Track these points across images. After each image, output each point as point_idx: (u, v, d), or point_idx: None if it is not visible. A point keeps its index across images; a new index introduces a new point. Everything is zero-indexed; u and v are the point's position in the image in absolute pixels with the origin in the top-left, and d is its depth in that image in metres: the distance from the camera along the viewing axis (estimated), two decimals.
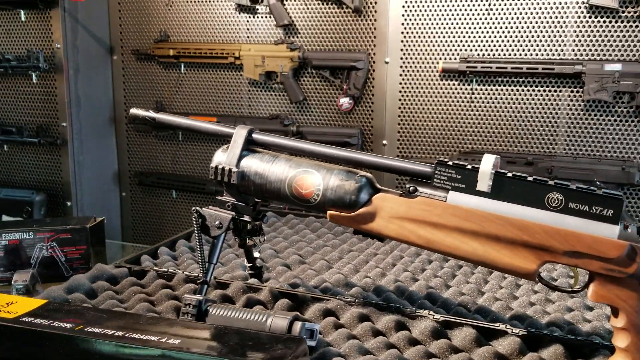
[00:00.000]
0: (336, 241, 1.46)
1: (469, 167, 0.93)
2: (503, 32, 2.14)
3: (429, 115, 2.29)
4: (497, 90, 2.20)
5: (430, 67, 2.25)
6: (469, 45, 2.19)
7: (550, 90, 2.15)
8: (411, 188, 0.96)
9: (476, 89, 2.23)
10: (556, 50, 2.09)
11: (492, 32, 2.15)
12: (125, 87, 2.66)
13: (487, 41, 2.16)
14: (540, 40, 2.10)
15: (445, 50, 2.22)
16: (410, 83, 2.29)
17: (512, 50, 2.13)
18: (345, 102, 2.36)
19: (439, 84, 2.26)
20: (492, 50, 2.15)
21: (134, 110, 1.14)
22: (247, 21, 2.43)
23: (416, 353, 0.94)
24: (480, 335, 0.98)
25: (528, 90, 2.17)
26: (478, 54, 2.16)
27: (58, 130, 2.48)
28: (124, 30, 2.61)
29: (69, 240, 1.26)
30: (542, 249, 0.89)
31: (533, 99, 2.16)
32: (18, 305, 0.83)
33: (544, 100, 2.15)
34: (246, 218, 1.08)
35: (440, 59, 2.23)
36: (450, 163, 0.95)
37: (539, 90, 2.16)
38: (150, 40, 2.52)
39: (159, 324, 0.79)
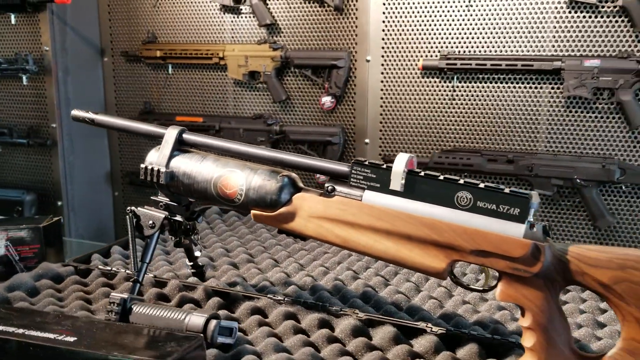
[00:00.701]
0: (290, 240, 1.48)
1: (384, 166, 0.94)
2: (483, 28, 2.13)
3: (410, 114, 2.29)
4: (478, 87, 2.19)
5: (411, 65, 2.25)
6: (449, 43, 2.18)
7: (530, 87, 2.13)
8: (329, 187, 0.98)
9: (457, 87, 2.22)
10: (536, 46, 2.07)
11: (473, 29, 2.14)
12: (116, 89, 2.71)
13: (467, 38, 2.15)
14: (521, 37, 2.09)
15: (426, 47, 2.22)
16: (391, 81, 2.29)
17: (493, 47, 2.12)
18: (327, 100, 2.38)
19: (420, 82, 2.26)
20: (472, 47, 2.14)
21: (74, 112, 1.17)
22: (232, 21, 2.46)
23: (331, 351, 0.95)
24: (400, 334, 0.99)
25: (509, 87, 2.16)
26: (458, 51, 2.16)
27: (48, 131, 2.54)
28: (114, 32, 2.66)
29: (22, 240, 1.30)
30: (450, 247, 0.90)
31: (514, 96, 2.15)
32: None
33: (524, 97, 2.14)
34: (179, 218, 1.10)
35: (421, 56, 2.23)
36: (366, 162, 0.96)
37: (519, 87, 2.14)
38: (139, 41, 2.56)
39: (62, 321, 0.81)
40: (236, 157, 1.06)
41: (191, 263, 1.23)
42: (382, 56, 2.29)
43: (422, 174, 0.93)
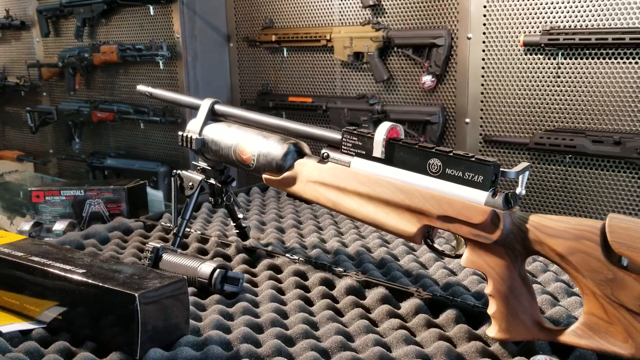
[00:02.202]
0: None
1: (369, 134, 1.01)
2: (590, 0, 2.01)
3: (512, 92, 2.23)
4: (584, 64, 2.08)
5: (513, 41, 2.19)
6: (553, 17, 2.09)
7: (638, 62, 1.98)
8: (324, 154, 1.07)
9: (562, 63, 2.13)
10: None
11: (579, 1, 2.03)
12: (240, 72, 2.96)
13: (572, 11, 2.05)
14: (632, 7, 1.94)
15: (529, 23, 2.15)
16: (493, 59, 2.25)
17: (600, 19, 1.99)
18: (427, 80, 2.40)
19: (523, 59, 2.20)
20: (577, 20, 2.03)
21: (139, 87, 1.37)
22: (339, 4, 2.57)
23: (321, 305, 1.04)
24: (392, 296, 1.05)
25: (617, 64, 2.02)
26: (562, 26, 2.06)
27: (179, 110, 2.86)
28: (239, 20, 2.90)
29: (111, 198, 1.55)
30: (420, 212, 0.94)
31: (623, 73, 2.01)
32: (5, 238, 1.10)
33: (634, 74, 1.99)
34: (212, 181, 1.25)
35: (523, 32, 2.16)
36: (355, 131, 1.03)
37: (629, 63, 2.00)
38: (260, 27, 2.78)
39: (86, 259, 1.00)
40: (256, 125, 1.18)
41: (234, 223, 1.37)
42: (484, 33, 2.26)
43: (401, 142, 0.97)
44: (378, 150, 1.00)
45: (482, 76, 2.30)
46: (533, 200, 2.25)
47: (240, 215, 1.37)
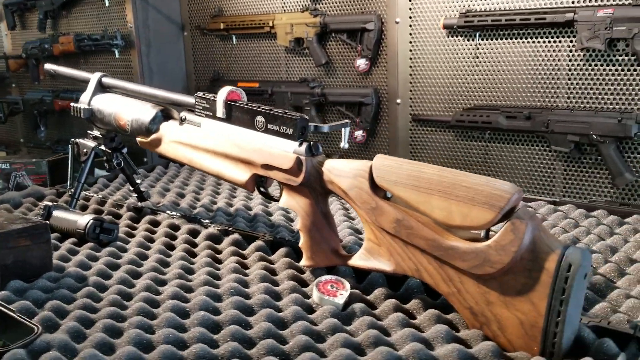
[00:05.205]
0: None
1: (212, 97, 1.19)
2: None
3: (437, 73, 2.40)
4: (499, 44, 2.24)
5: (436, 25, 2.36)
6: (471, 1, 2.25)
7: (549, 42, 2.14)
8: (182, 117, 1.25)
9: (480, 44, 2.29)
10: None
11: None
12: (195, 60, 3.14)
13: None
14: None
15: (451, 6, 2.30)
16: (419, 42, 2.42)
17: (513, 2, 2.15)
18: (361, 63, 2.56)
19: (445, 42, 2.36)
20: (492, 3, 2.19)
21: (46, 66, 1.56)
22: None
23: (181, 248, 1.24)
24: (243, 241, 1.24)
25: (528, 43, 2.18)
26: (479, 9, 2.22)
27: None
28: (192, 9, 3.09)
29: (34, 170, 1.74)
30: (249, 163, 1.12)
31: (533, 52, 2.16)
32: None
33: (543, 52, 2.15)
34: (103, 147, 1.44)
35: (444, 16, 2.32)
36: (204, 95, 1.21)
37: (537, 43, 2.16)
38: (210, 16, 2.96)
39: None
40: (134, 95, 1.36)
41: (133, 188, 1.56)
42: (410, 17, 2.42)
43: (237, 103, 1.15)
44: (220, 111, 1.18)
45: (410, 58, 2.46)
46: None
47: (138, 180, 1.55)
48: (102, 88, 1.43)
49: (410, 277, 1.00)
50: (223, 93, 1.18)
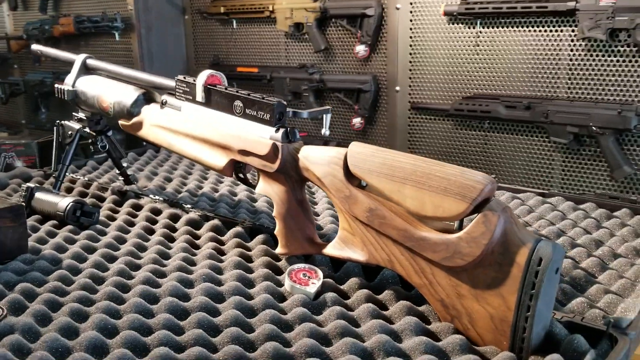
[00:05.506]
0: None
1: (192, 81, 1.17)
2: None
3: (437, 61, 2.37)
4: (500, 32, 2.21)
5: (437, 11, 2.32)
6: None
7: (550, 31, 2.10)
8: (163, 100, 1.23)
9: (480, 32, 2.26)
10: None
11: None
12: (195, 44, 3.12)
13: None
14: None
15: None
16: (420, 28, 2.38)
17: None
18: (361, 49, 2.53)
19: (446, 29, 2.32)
20: None
21: (33, 46, 1.54)
22: None
23: (161, 232, 1.23)
24: (223, 226, 1.23)
25: (529, 32, 2.15)
26: None
27: None
28: None
29: (23, 152, 1.74)
30: (227, 148, 1.11)
31: (534, 41, 2.13)
32: None
33: (545, 41, 2.11)
34: (87, 130, 1.43)
35: (444, 2, 2.29)
36: (183, 78, 1.19)
37: (539, 31, 2.12)
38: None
39: None
40: (118, 78, 1.35)
41: (119, 171, 1.54)
42: (411, 3, 2.38)
43: (217, 88, 1.13)
44: (199, 95, 1.16)
45: (411, 45, 2.43)
46: (457, 164, 2.37)
47: (125, 164, 1.54)
48: (86, 70, 1.41)
49: (385, 268, 0.98)
50: (203, 77, 1.16)
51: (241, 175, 1.15)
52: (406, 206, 0.89)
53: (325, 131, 1.08)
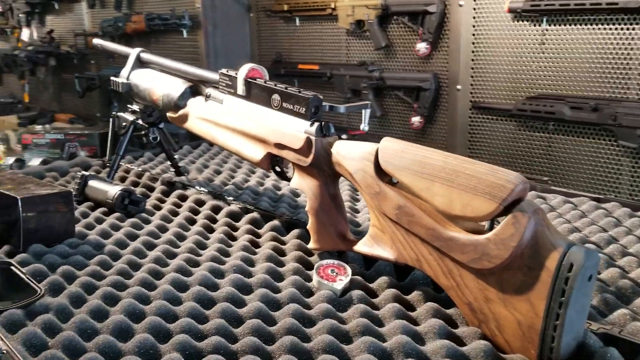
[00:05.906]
0: None
1: (234, 74, 1.18)
2: None
3: (501, 59, 2.30)
4: (567, 30, 2.12)
5: (501, 8, 2.25)
6: None
7: (622, 29, 2.00)
8: (207, 94, 1.25)
9: (547, 30, 2.17)
10: None
11: None
12: (260, 41, 3.16)
13: None
14: None
15: None
16: (483, 26, 2.32)
17: None
18: (422, 47, 2.49)
19: (511, 26, 2.25)
20: None
21: (94, 41, 1.60)
22: None
23: (201, 223, 1.25)
24: (262, 220, 1.24)
25: (599, 30, 2.05)
26: None
27: None
28: None
29: (86, 142, 1.81)
30: (264, 141, 1.11)
31: (604, 39, 2.03)
32: None
33: (615, 40, 2.01)
34: (140, 122, 1.47)
35: None
36: (226, 72, 1.20)
37: (609, 29, 2.02)
38: None
39: (15, 178, 1.24)
40: (168, 71, 1.38)
41: (170, 163, 1.58)
42: (474, 0, 2.32)
43: (257, 81, 1.14)
44: (240, 88, 1.17)
45: (473, 43, 2.37)
46: (519, 166, 2.30)
47: (176, 156, 1.58)
48: (140, 63, 1.45)
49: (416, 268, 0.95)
50: (244, 70, 1.16)
51: (277, 169, 1.15)
52: (435, 204, 0.86)
53: (364, 126, 1.07)
